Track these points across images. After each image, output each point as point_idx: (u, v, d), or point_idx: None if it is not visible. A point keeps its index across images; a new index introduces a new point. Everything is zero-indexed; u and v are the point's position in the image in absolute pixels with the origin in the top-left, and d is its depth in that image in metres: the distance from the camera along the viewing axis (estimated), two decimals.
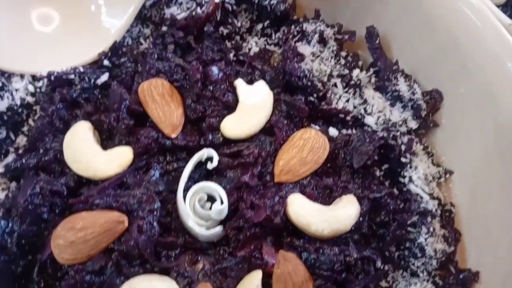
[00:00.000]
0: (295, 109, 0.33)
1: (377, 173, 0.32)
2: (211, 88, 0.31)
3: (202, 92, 0.31)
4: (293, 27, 0.37)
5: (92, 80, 0.33)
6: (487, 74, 0.30)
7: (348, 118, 0.34)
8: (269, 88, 0.33)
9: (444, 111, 0.35)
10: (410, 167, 0.32)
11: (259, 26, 0.37)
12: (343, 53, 0.37)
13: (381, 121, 0.34)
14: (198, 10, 0.33)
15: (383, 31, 0.36)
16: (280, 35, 0.36)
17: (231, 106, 0.32)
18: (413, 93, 0.33)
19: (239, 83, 0.33)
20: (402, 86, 0.34)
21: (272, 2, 0.35)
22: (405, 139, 0.33)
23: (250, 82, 0.34)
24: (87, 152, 0.30)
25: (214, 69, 0.31)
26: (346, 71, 0.36)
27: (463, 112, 0.33)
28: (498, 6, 0.40)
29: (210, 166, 0.30)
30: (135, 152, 0.30)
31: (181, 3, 0.35)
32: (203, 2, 0.34)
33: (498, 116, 0.30)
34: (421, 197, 0.32)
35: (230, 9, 0.35)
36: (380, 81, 0.36)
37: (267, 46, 0.37)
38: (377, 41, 0.36)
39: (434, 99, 0.34)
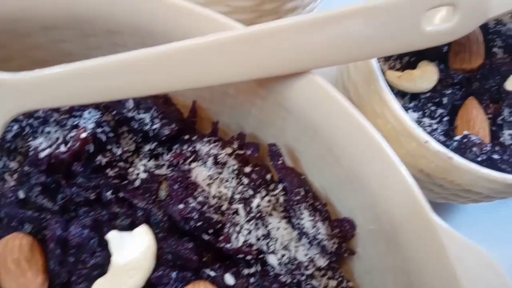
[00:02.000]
0: (182, 260, 0.28)
1: None
2: (74, 251, 0.27)
3: (63, 258, 0.27)
4: (185, 146, 0.32)
5: None
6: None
7: (249, 257, 0.30)
8: (154, 233, 0.29)
9: (359, 238, 0.31)
10: None
11: (147, 147, 0.32)
12: (248, 169, 0.33)
13: (286, 259, 0.30)
14: (62, 148, 0.28)
15: (289, 145, 0.32)
16: (171, 157, 0.32)
17: (103, 265, 0.28)
18: (317, 232, 0.29)
19: (112, 237, 0.28)
20: (306, 221, 0.29)
21: (154, 127, 0.30)
22: (313, 283, 0.29)
23: (132, 225, 0.30)
24: None
25: (75, 232, 0.26)
26: (250, 192, 0.32)
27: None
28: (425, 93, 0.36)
29: None
30: None
31: (49, 132, 0.30)
32: (69, 137, 0.28)
33: None
34: None
35: (105, 138, 0.30)
36: (287, 205, 0.32)
37: (158, 170, 0.32)
38: (279, 161, 0.31)
39: (344, 230, 0.30)
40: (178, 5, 0.27)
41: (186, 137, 0.32)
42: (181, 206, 0.28)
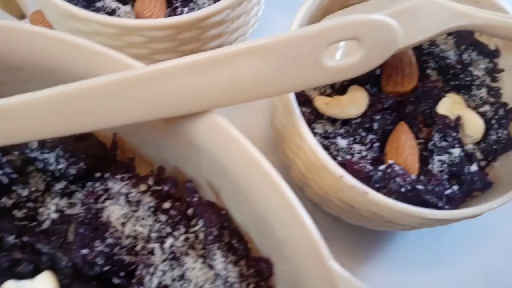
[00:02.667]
0: None
1: None
2: None
3: None
4: (98, 184, 0.31)
5: None
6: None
7: None
8: (58, 279, 0.28)
9: (277, 277, 0.30)
10: None
11: (58, 186, 0.31)
12: (167, 205, 0.32)
13: None
14: None
15: (208, 180, 0.31)
16: (82, 196, 0.30)
17: None
18: (228, 274, 0.28)
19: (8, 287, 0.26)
20: (218, 262, 0.28)
21: (60, 167, 0.29)
22: None
23: (36, 271, 0.28)
24: None
25: None
26: (168, 230, 0.31)
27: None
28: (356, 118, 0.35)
29: None
30: None
31: None
32: None
33: None
34: None
35: (7, 180, 0.28)
36: (204, 244, 0.30)
37: (70, 210, 0.31)
38: (194, 198, 0.30)
39: (261, 269, 0.29)
40: (75, 43, 0.26)
41: (98, 174, 0.30)
42: (84, 251, 0.27)
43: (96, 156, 0.31)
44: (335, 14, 0.35)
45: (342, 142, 0.34)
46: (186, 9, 0.37)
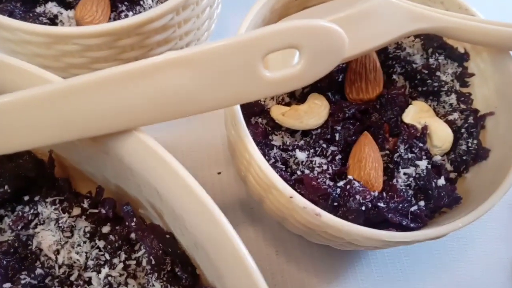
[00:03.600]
0: None
1: None
2: None
3: None
4: (27, 208, 0.28)
5: None
6: None
7: None
8: None
9: None
10: None
11: None
12: (106, 229, 0.29)
13: None
14: None
15: (150, 202, 0.28)
16: (10, 221, 0.28)
17: None
18: None
19: None
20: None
21: None
22: None
23: None
24: None
25: None
26: (107, 257, 0.28)
27: None
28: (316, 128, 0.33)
29: None
30: None
31: None
32: None
33: None
34: None
35: None
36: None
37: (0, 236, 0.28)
38: (133, 223, 0.27)
39: None
40: None
41: (27, 197, 0.28)
42: (7, 285, 0.24)
43: (26, 176, 0.28)
44: (291, 17, 0.33)
45: (301, 155, 0.32)
46: (131, 13, 0.34)
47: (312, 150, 0.32)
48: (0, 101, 0.21)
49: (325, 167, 0.32)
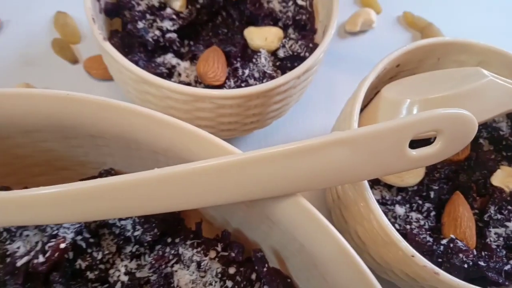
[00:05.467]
0: None
1: None
2: None
3: None
4: (168, 249, 0.31)
5: None
6: None
7: None
8: None
9: None
10: None
11: (128, 249, 0.31)
12: (232, 270, 0.32)
13: None
14: (40, 258, 0.27)
15: (275, 248, 0.32)
16: (152, 259, 0.31)
17: None
18: None
19: None
20: None
21: (136, 234, 0.30)
22: None
23: None
24: None
25: None
26: None
27: None
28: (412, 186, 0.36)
29: None
30: None
31: (27, 235, 0.29)
32: (47, 247, 0.28)
33: None
34: None
35: (85, 245, 0.29)
36: None
37: (139, 272, 0.31)
38: (264, 268, 0.31)
39: None
40: (160, 119, 0.27)
41: (169, 240, 0.31)
42: None
43: (166, 220, 0.31)
44: (391, 84, 0.37)
45: (400, 210, 0.35)
46: (247, 71, 0.38)
47: (408, 205, 0.36)
48: (198, 165, 0.25)
49: (422, 222, 0.35)
